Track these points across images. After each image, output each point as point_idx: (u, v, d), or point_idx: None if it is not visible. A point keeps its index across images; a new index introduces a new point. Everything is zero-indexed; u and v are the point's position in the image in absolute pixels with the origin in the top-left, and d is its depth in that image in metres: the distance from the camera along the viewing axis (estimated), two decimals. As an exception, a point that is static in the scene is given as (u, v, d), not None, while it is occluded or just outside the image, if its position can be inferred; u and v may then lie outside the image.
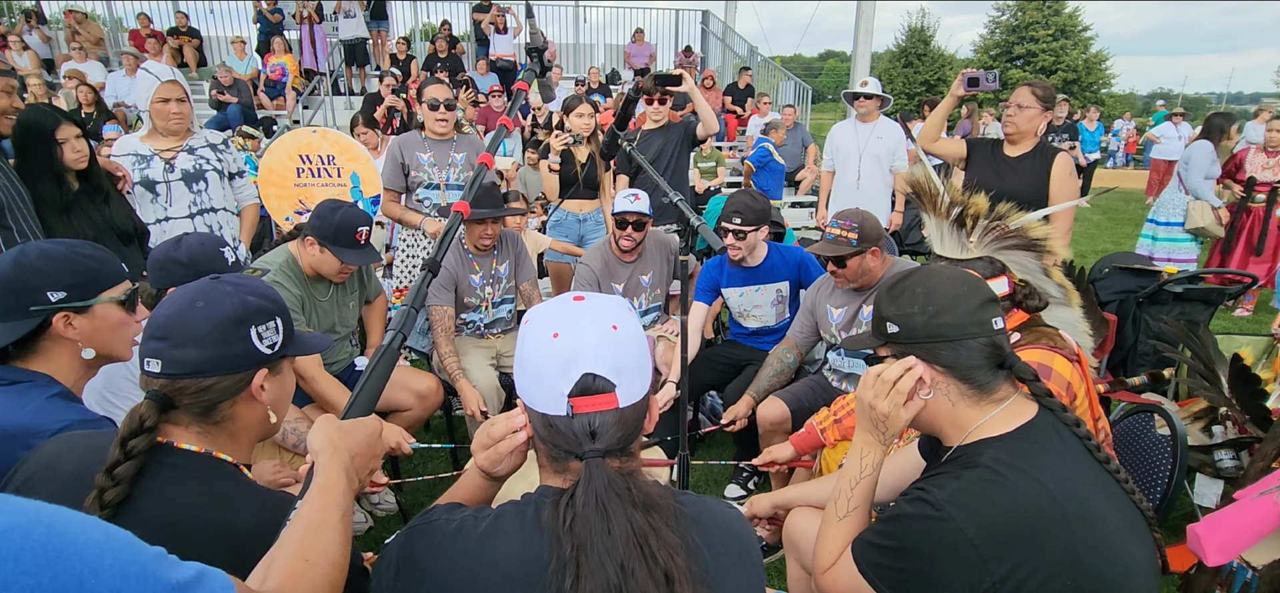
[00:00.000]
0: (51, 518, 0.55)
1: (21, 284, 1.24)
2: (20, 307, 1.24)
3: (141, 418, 0.94)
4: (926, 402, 1.15)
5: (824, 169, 4.70)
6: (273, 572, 0.78)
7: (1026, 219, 1.64)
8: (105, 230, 2.55)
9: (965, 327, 1.11)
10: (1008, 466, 1.04)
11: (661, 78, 3.20)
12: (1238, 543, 1.39)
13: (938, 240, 1.73)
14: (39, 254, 1.27)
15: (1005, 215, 1.63)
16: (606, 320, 0.88)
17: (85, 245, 1.35)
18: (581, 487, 0.83)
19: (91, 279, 1.31)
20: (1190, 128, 10.64)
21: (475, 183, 1.44)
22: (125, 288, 1.37)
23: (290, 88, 9.55)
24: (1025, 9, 27.70)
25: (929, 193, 1.71)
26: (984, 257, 1.63)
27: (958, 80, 3.02)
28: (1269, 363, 2.83)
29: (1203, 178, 5.05)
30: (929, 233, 1.76)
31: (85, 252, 1.33)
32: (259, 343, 1.03)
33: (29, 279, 1.25)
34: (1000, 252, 1.64)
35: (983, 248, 1.65)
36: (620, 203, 2.95)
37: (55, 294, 1.26)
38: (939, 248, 1.72)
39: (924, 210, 1.74)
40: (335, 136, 4.07)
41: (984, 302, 1.13)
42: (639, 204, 2.93)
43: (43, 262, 1.27)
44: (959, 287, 1.14)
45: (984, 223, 1.65)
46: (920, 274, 1.18)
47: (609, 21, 13.16)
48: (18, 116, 2.48)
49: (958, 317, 1.11)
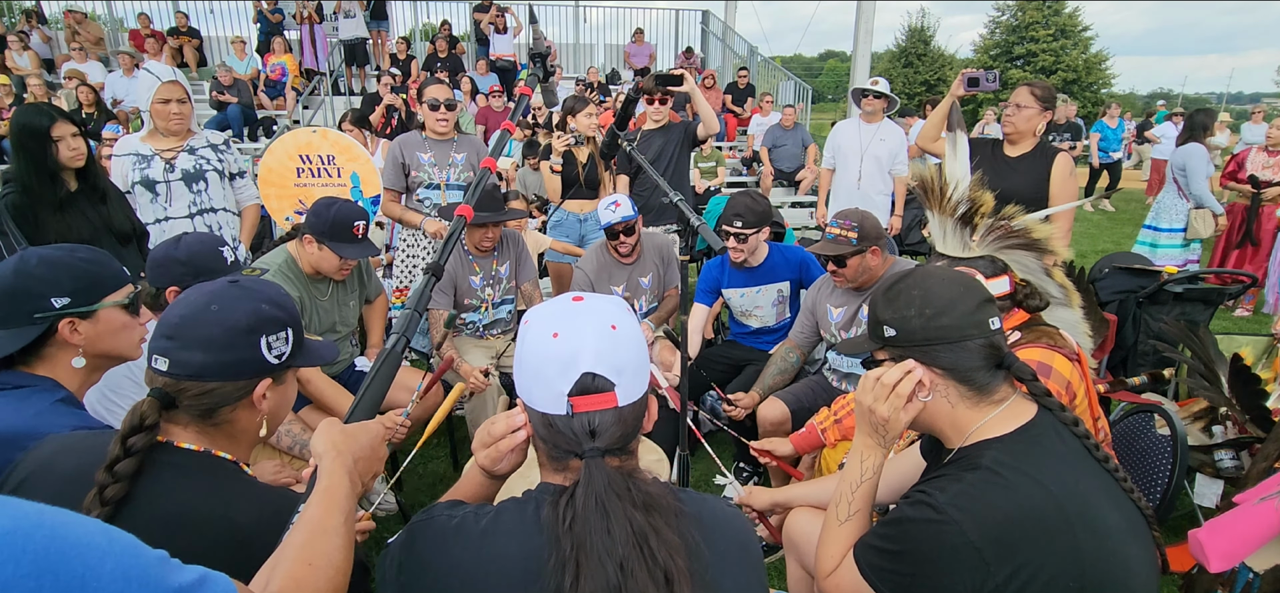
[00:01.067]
0: (53, 521, 0.55)
1: (24, 291, 1.24)
2: (24, 313, 1.25)
3: (143, 416, 0.95)
4: (926, 404, 1.15)
5: (824, 167, 4.68)
6: (276, 576, 0.78)
7: (1029, 219, 1.64)
8: (103, 230, 2.55)
9: (963, 328, 1.10)
10: (1009, 467, 1.04)
11: (662, 78, 3.20)
12: (1240, 549, 1.38)
13: (940, 238, 1.72)
14: (40, 261, 1.27)
15: (1010, 215, 1.63)
16: (606, 320, 0.88)
17: (83, 249, 1.35)
18: (581, 486, 0.83)
19: (94, 284, 1.31)
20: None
21: (478, 186, 1.45)
22: (128, 291, 1.37)
23: (290, 88, 9.54)
24: (1025, 9, 27.68)
25: (935, 190, 1.71)
26: (986, 256, 1.63)
27: (957, 80, 3.01)
28: (1269, 363, 2.82)
29: (1204, 182, 4.94)
30: (931, 230, 1.76)
31: (84, 256, 1.33)
32: (267, 353, 1.03)
33: (31, 286, 1.25)
34: (1002, 251, 1.64)
35: (985, 247, 1.65)
36: (604, 214, 2.93)
37: (59, 300, 1.26)
38: (941, 246, 1.71)
39: (929, 208, 1.74)
40: (335, 137, 4.06)
41: (981, 302, 1.12)
42: (620, 211, 2.91)
43: (44, 268, 1.26)
44: (955, 288, 1.13)
45: (987, 222, 1.65)
46: (915, 276, 1.18)
47: (609, 21, 13.18)
48: (13, 116, 2.50)
49: (955, 318, 1.10)
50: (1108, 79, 27.92)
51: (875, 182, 4.40)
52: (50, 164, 2.45)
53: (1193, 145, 5.01)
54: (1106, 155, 10.43)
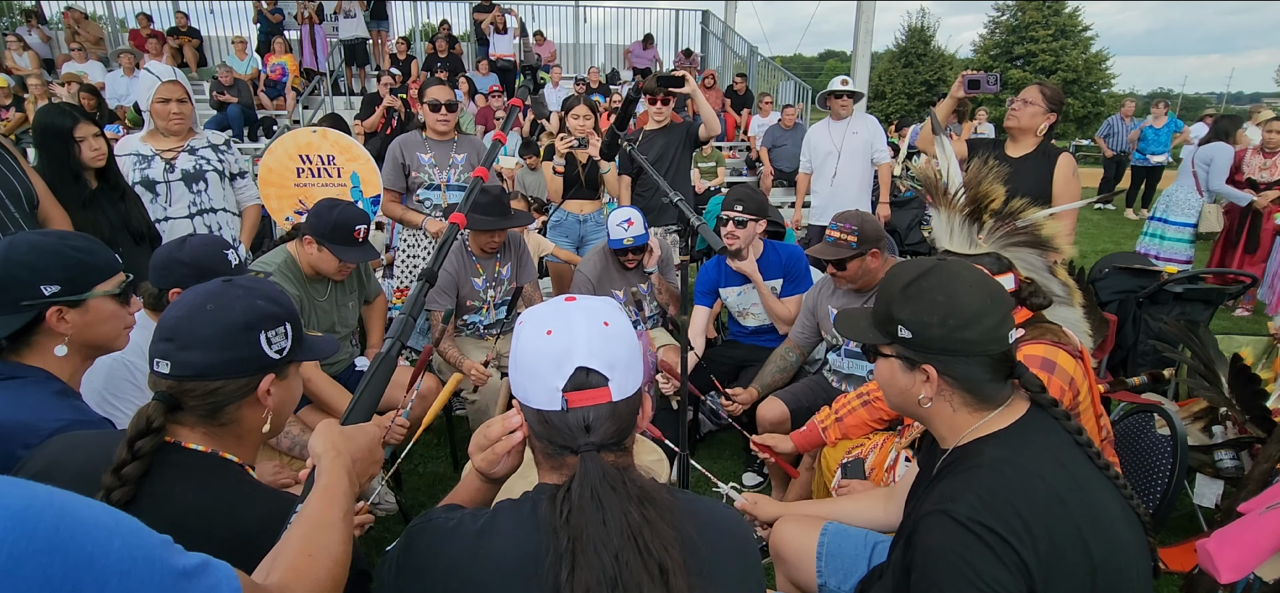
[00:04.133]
0: (62, 502, 0.56)
1: (11, 279, 1.23)
2: (10, 301, 1.23)
3: (149, 419, 0.95)
4: (928, 407, 1.13)
5: (801, 171, 4.72)
6: (277, 566, 0.79)
7: (1037, 216, 1.64)
8: (120, 228, 2.57)
9: (984, 343, 1.06)
10: (1009, 462, 1.04)
11: (664, 79, 3.18)
12: (1250, 560, 1.38)
13: (946, 235, 1.71)
14: (29, 248, 1.26)
15: (1017, 211, 1.63)
16: (598, 317, 0.90)
17: (76, 237, 1.34)
18: (577, 480, 0.84)
19: (84, 272, 1.30)
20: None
21: (470, 195, 1.47)
22: (119, 280, 1.36)
23: (290, 88, 9.55)
24: (1025, 9, 27.67)
25: (938, 187, 1.70)
26: (992, 252, 1.63)
27: (958, 82, 3.01)
28: (1269, 363, 2.82)
29: (1224, 179, 5.18)
30: (936, 227, 1.75)
31: (76, 244, 1.31)
32: (268, 348, 1.03)
33: (19, 273, 1.23)
34: (1008, 248, 1.64)
35: (992, 244, 1.64)
36: (614, 230, 2.92)
37: (48, 288, 1.25)
38: (947, 242, 1.70)
39: (935, 204, 1.73)
40: (335, 136, 4.05)
41: (1005, 315, 1.08)
42: (633, 231, 2.89)
43: (32, 255, 1.25)
44: (982, 299, 1.06)
45: (994, 219, 1.64)
46: (941, 277, 1.09)
47: (609, 22, 13.19)
48: (35, 116, 2.52)
49: (979, 333, 1.05)
50: (1108, 79, 27.90)
51: (852, 177, 4.43)
52: (73, 164, 2.48)
53: (1219, 143, 5.25)
54: (1144, 159, 9.47)
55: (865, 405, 2.09)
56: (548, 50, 11.22)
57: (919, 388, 1.12)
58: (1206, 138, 5.47)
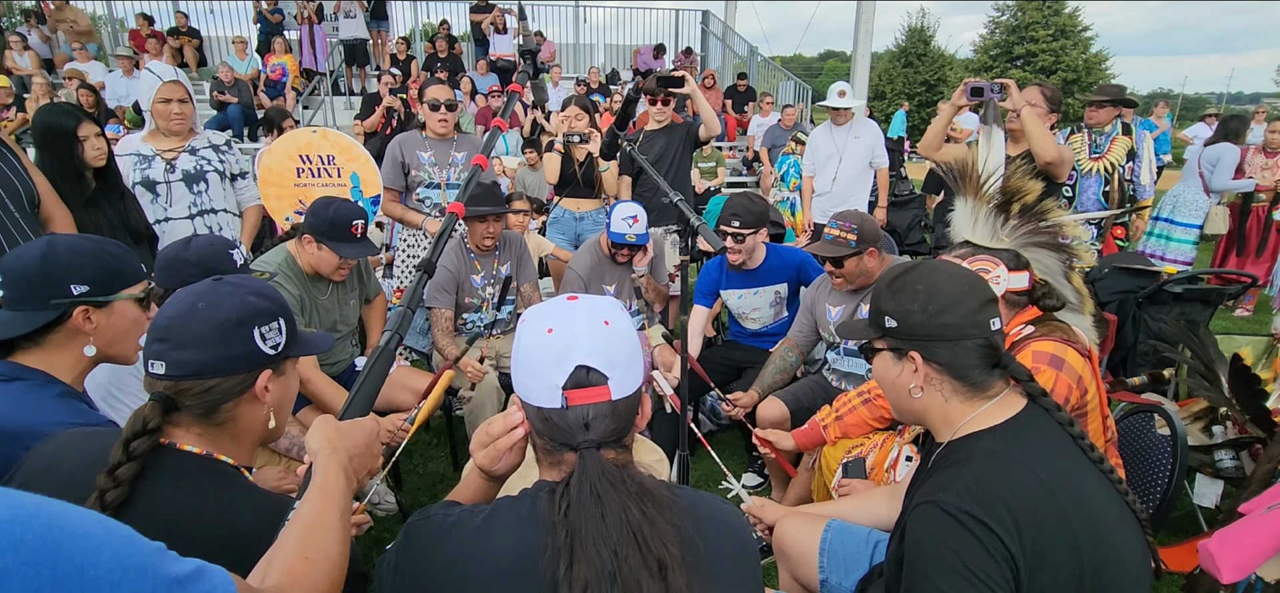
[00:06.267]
0: (51, 511, 0.55)
1: (45, 277, 1.25)
2: (40, 298, 1.25)
3: (144, 420, 0.95)
4: (919, 398, 1.15)
5: (805, 173, 4.75)
6: (273, 570, 0.79)
7: (1064, 219, 1.64)
8: (120, 228, 2.58)
9: (963, 327, 1.11)
10: (1002, 456, 1.05)
11: (664, 79, 3.18)
12: (1252, 560, 1.38)
13: (969, 225, 1.71)
14: (67, 248, 1.28)
15: (1047, 211, 1.63)
16: (599, 316, 0.90)
17: (111, 243, 1.36)
18: (576, 476, 0.85)
19: (114, 275, 1.32)
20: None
21: (470, 183, 1.45)
22: (144, 286, 1.38)
23: (290, 88, 9.54)
24: (1025, 9, 27.69)
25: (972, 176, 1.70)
26: (1011, 249, 1.62)
27: (959, 90, 3.00)
28: (1269, 363, 2.82)
29: (1230, 178, 5.19)
30: (959, 215, 1.75)
31: (112, 250, 1.34)
32: (262, 344, 1.03)
33: (53, 272, 1.25)
34: (1027, 248, 1.63)
35: (1014, 240, 1.64)
36: (619, 225, 2.90)
37: (78, 287, 1.27)
38: (969, 232, 1.71)
39: (961, 193, 1.73)
40: (335, 136, 4.05)
41: (984, 303, 1.13)
42: (636, 228, 2.88)
43: (70, 256, 1.27)
44: (960, 286, 1.14)
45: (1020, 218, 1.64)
46: (922, 270, 1.18)
47: (610, 22, 13.20)
48: (36, 115, 2.52)
49: (957, 317, 1.11)
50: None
51: (852, 181, 4.47)
52: (76, 164, 2.48)
53: (1226, 144, 5.25)
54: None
55: (866, 404, 2.09)
56: (548, 50, 11.23)
57: (909, 377, 1.17)
58: (1212, 138, 5.47)
